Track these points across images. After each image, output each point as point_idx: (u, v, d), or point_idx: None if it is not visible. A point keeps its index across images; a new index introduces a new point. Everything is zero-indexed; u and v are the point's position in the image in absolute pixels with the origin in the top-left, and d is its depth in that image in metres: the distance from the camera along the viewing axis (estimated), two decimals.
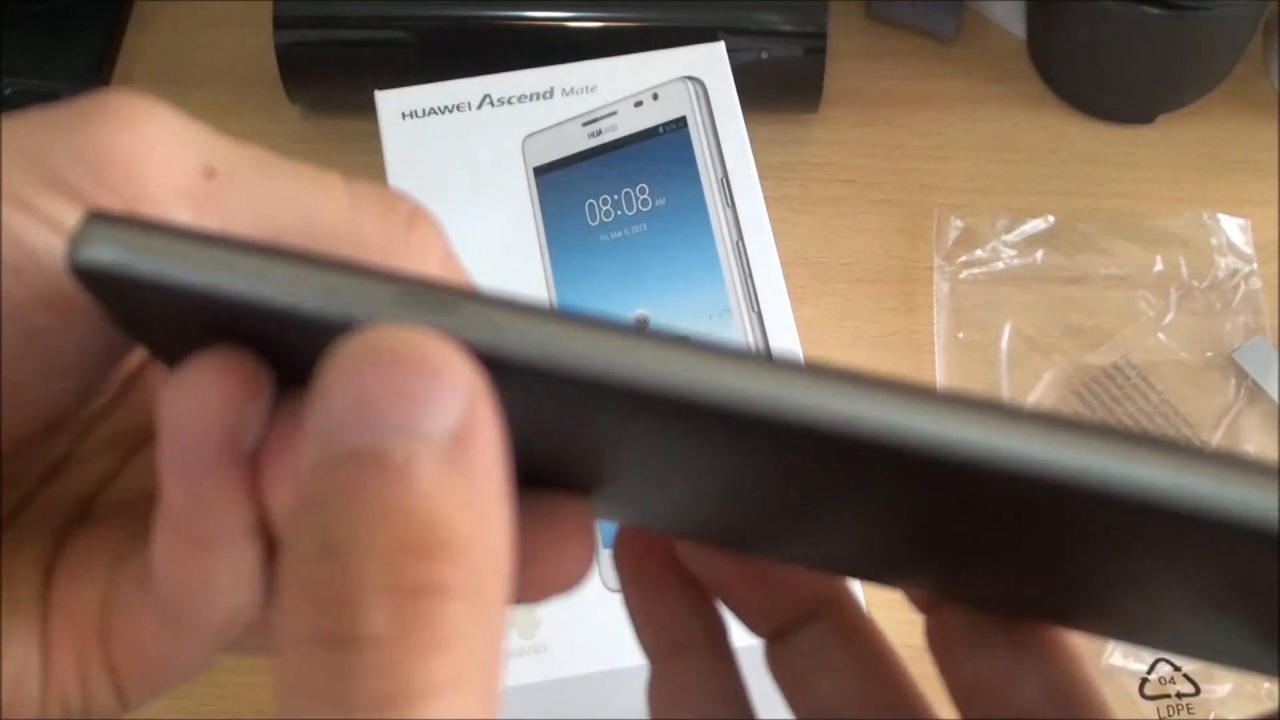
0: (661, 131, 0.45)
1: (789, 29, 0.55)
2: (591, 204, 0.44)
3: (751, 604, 0.23)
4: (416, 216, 0.20)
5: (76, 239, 0.16)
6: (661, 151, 0.45)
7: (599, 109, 0.45)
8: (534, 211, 0.44)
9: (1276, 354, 0.52)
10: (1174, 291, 0.54)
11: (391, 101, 0.45)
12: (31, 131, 0.18)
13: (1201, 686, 0.46)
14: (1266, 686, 0.46)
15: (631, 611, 0.23)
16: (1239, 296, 0.54)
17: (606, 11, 0.55)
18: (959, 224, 0.55)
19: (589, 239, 0.43)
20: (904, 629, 0.24)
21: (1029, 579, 0.20)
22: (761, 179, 0.44)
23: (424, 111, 0.45)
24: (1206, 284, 0.54)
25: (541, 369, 0.15)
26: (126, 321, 0.18)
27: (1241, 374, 0.52)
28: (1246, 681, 0.46)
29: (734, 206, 0.43)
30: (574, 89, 0.46)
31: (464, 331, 0.15)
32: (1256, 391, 0.52)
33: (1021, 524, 0.17)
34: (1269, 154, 0.58)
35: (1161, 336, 0.53)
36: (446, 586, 0.14)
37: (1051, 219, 0.56)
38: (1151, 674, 0.46)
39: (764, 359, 0.15)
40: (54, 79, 0.60)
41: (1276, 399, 0.51)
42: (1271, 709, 0.43)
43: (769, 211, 0.43)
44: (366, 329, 0.14)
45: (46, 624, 0.19)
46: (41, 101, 0.65)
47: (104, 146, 0.17)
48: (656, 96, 0.45)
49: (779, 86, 0.57)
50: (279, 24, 0.56)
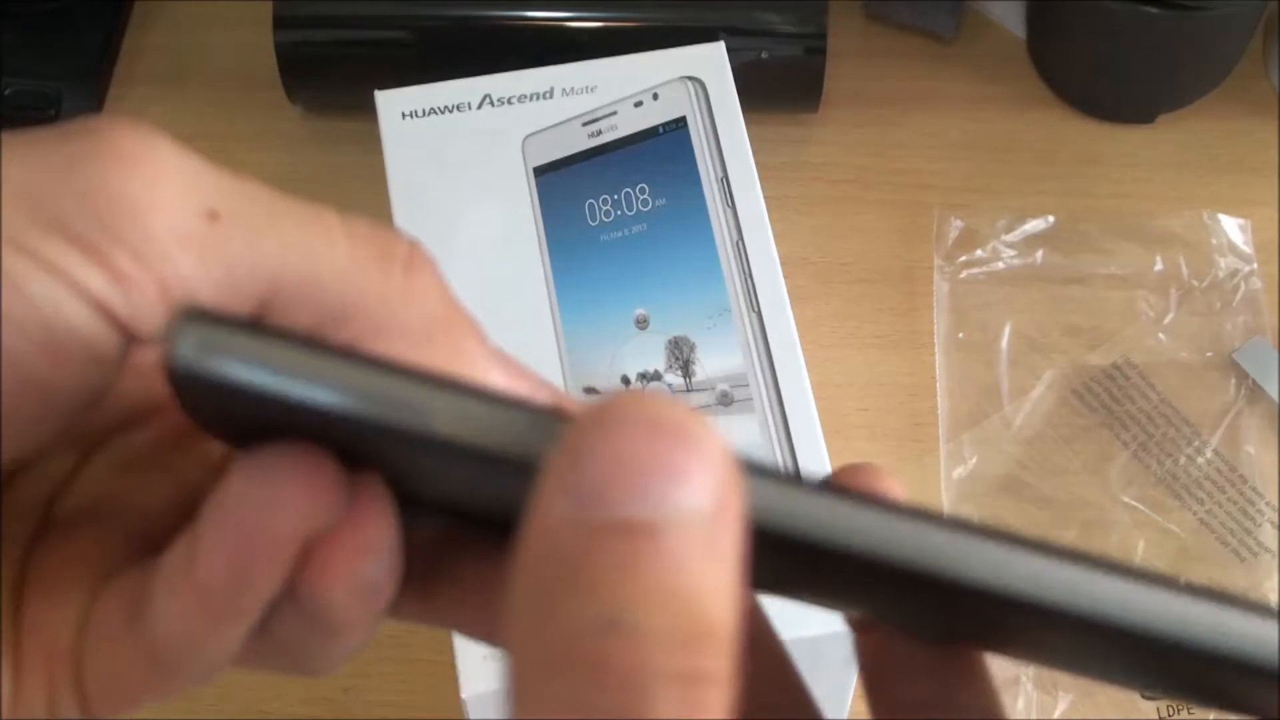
0: (661, 131, 0.45)
1: (789, 29, 0.55)
2: (591, 204, 0.44)
3: None
4: (414, 258, 0.20)
5: (182, 342, 0.16)
6: (661, 151, 0.45)
7: (599, 109, 0.45)
8: (534, 211, 0.44)
9: (1276, 354, 0.52)
10: (1174, 291, 0.54)
11: (391, 101, 0.45)
12: (31, 170, 0.17)
13: None
14: None
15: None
16: (1239, 296, 0.54)
17: (606, 11, 0.55)
18: (959, 224, 0.55)
19: (589, 239, 0.43)
20: None
21: (961, 623, 0.20)
22: (761, 179, 0.44)
23: (424, 111, 0.45)
24: (1206, 284, 0.54)
25: None
26: (195, 408, 0.18)
27: (1241, 374, 0.52)
28: None
29: (734, 206, 0.43)
30: (574, 89, 0.46)
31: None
32: (1256, 391, 0.52)
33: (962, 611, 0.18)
34: (1269, 154, 0.58)
35: (1161, 336, 0.53)
36: (716, 675, 0.14)
37: (1051, 219, 0.56)
38: None
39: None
40: (54, 79, 0.60)
41: (1276, 399, 0.51)
42: None
43: (769, 211, 0.43)
44: (623, 392, 0.15)
45: (17, 644, 0.19)
46: (41, 101, 0.65)
47: (107, 188, 0.17)
48: (656, 96, 0.45)
49: (779, 86, 0.57)
50: (279, 24, 0.56)
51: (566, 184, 0.44)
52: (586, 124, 0.45)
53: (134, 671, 0.19)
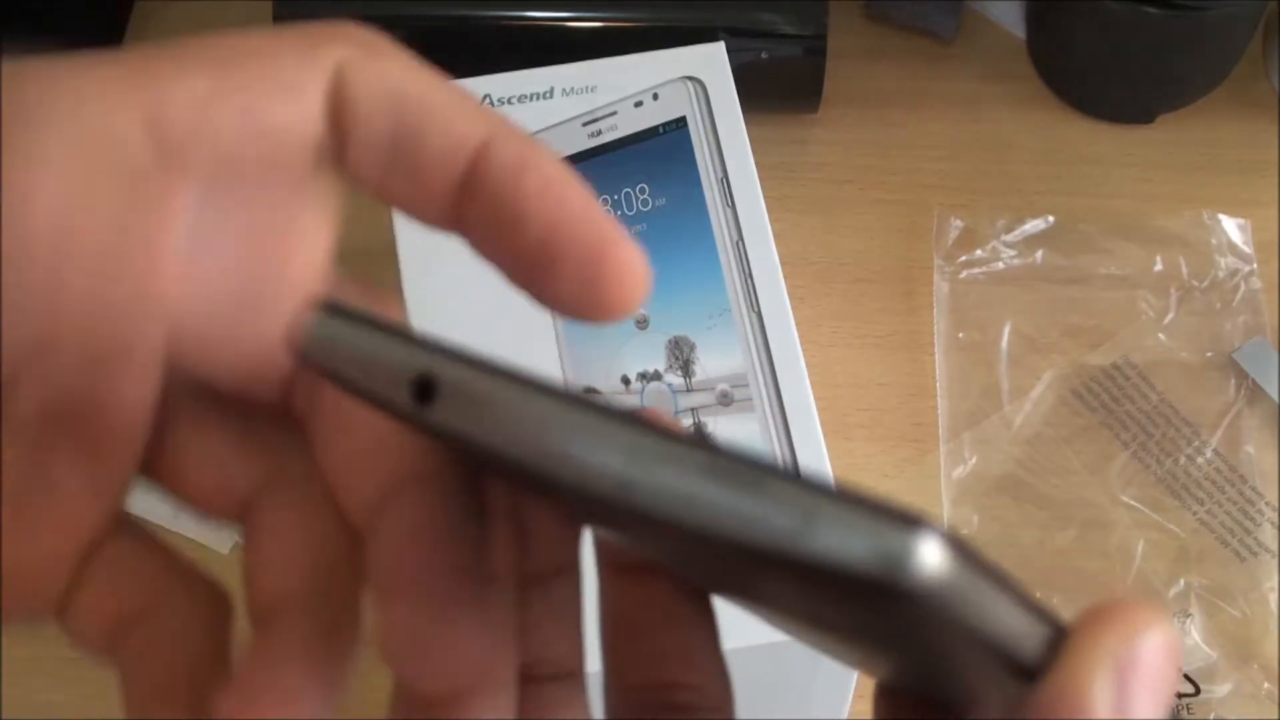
0: (661, 131, 0.45)
1: (789, 29, 0.55)
2: None
3: None
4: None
5: (303, 336, 0.17)
6: (661, 151, 0.45)
7: (599, 109, 0.45)
8: None
9: (1276, 354, 0.52)
10: (1174, 291, 0.54)
11: None
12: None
13: (1201, 686, 0.46)
14: (1266, 686, 0.46)
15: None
16: (1239, 296, 0.54)
17: (606, 11, 0.55)
18: (959, 224, 0.55)
19: None
20: None
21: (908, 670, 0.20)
22: (761, 179, 0.44)
23: None
24: (1206, 284, 0.54)
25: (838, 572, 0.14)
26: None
27: (1241, 374, 0.52)
28: (1246, 681, 0.46)
29: (734, 206, 0.43)
30: (574, 89, 0.46)
31: (766, 515, 0.14)
32: (1256, 391, 0.52)
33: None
34: (1269, 154, 0.58)
35: (1161, 336, 0.53)
36: None
37: (1051, 219, 0.56)
38: None
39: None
40: None
41: (1276, 399, 0.51)
42: None
43: (769, 211, 0.43)
44: (1140, 607, 0.16)
45: None
46: None
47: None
48: (656, 96, 0.45)
49: (779, 86, 0.57)
50: (279, 24, 0.56)
51: None
52: (586, 124, 0.45)
53: None
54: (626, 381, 0.40)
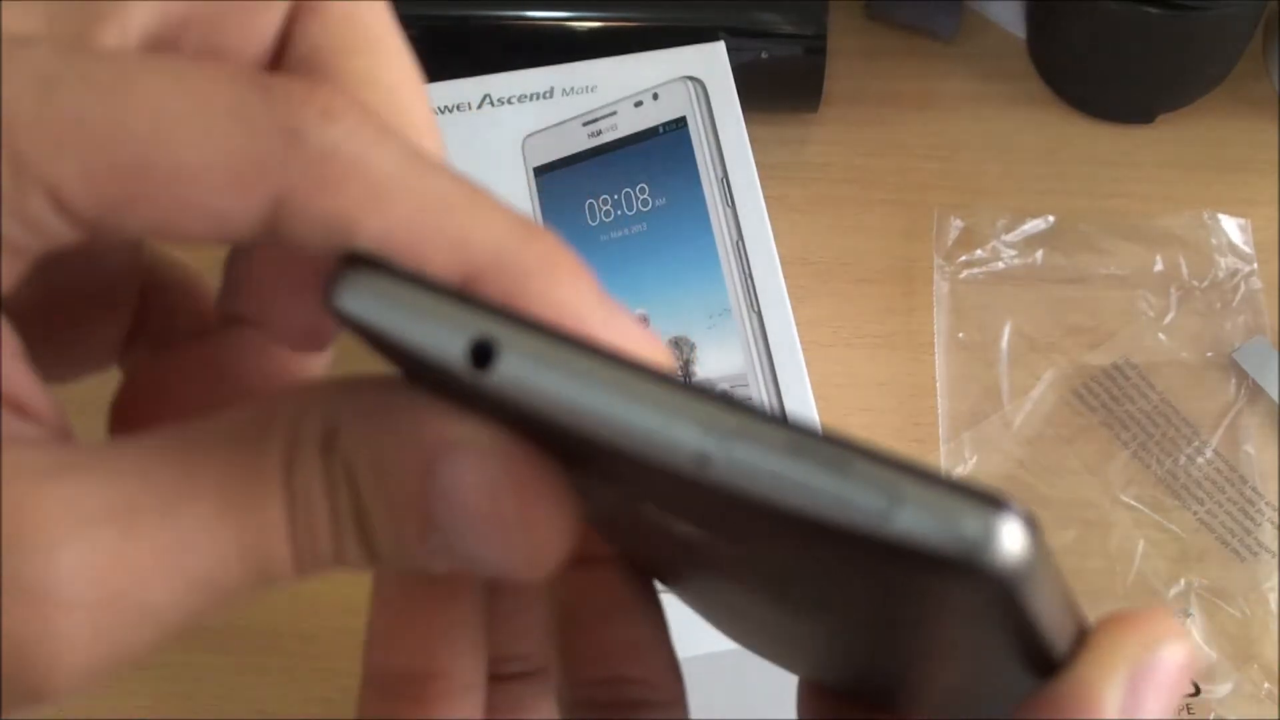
0: (661, 131, 0.45)
1: (789, 29, 0.55)
2: (591, 204, 0.44)
3: None
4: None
5: (338, 287, 0.16)
6: (661, 151, 0.45)
7: (599, 109, 0.45)
8: (534, 211, 0.44)
9: (1276, 354, 0.52)
10: (1174, 291, 0.54)
11: None
12: None
13: (1201, 686, 0.46)
14: (1266, 686, 0.46)
15: None
16: (1239, 296, 0.54)
17: (606, 11, 0.55)
18: (959, 224, 0.55)
19: (589, 239, 0.43)
20: None
21: (873, 670, 0.20)
22: (761, 179, 0.44)
23: None
24: (1206, 284, 0.54)
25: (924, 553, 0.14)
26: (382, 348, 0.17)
27: (1241, 374, 0.52)
28: (1246, 681, 0.46)
29: (734, 206, 0.43)
30: (574, 89, 0.46)
31: (853, 496, 0.14)
32: (1256, 391, 0.52)
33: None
34: (1269, 154, 0.58)
35: (1161, 336, 0.53)
36: None
37: (1051, 219, 0.56)
38: None
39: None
40: None
41: (1276, 399, 0.51)
42: None
43: (769, 211, 0.43)
44: (1159, 617, 0.17)
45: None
46: None
47: None
48: (656, 96, 0.45)
49: (779, 86, 0.57)
50: None
51: (566, 184, 0.44)
52: (586, 124, 0.45)
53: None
54: None
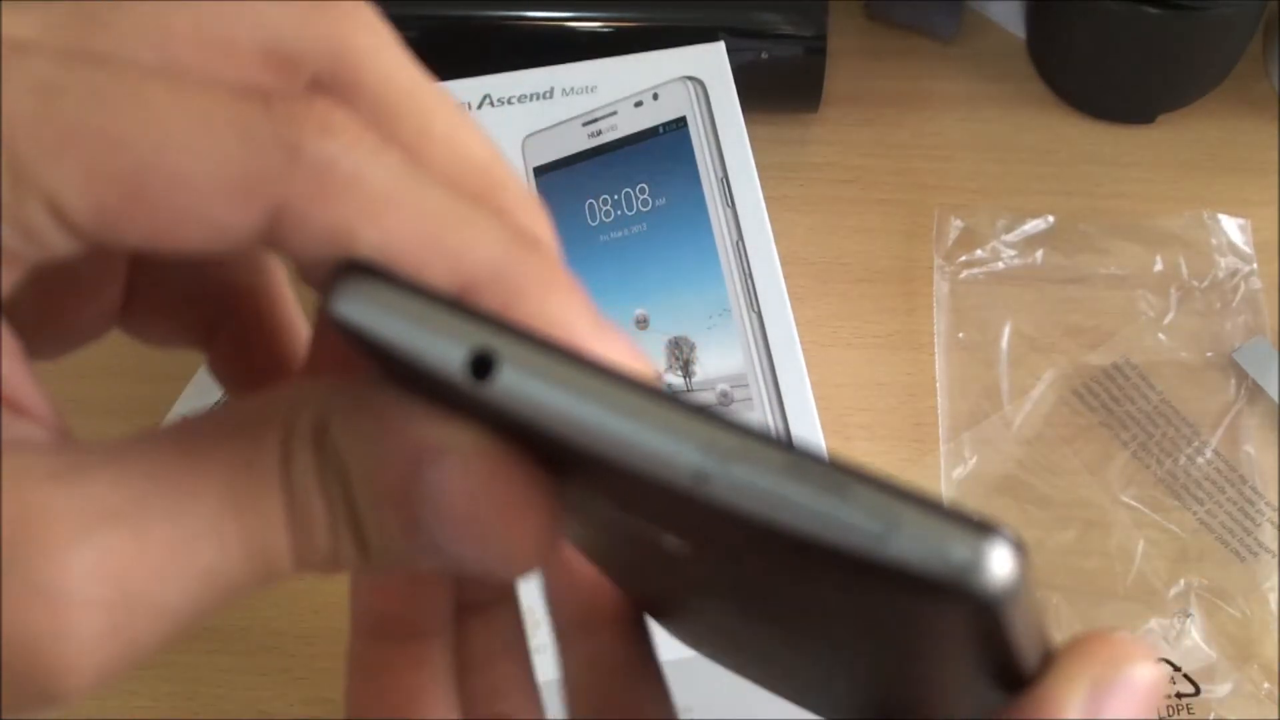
0: (661, 131, 0.45)
1: (789, 29, 0.55)
2: (591, 204, 0.44)
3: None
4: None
5: (338, 293, 0.16)
6: (661, 151, 0.45)
7: (599, 109, 0.45)
8: None
9: (1276, 354, 0.52)
10: (1174, 291, 0.54)
11: None
12: None
13: (1201, 686, 0.46)
14: (1266, 686, 0.46)
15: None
16: (1239, 296, 0.54)
17: (606, 11, 0.55)
18: (959, 224, 0.55)
19: (589, 239, 0.43)
20: None
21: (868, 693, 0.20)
22: (761, 179, 0.44)
23: None
24: (1206, 284, 0.54)
25: (918, 579, 0.14)
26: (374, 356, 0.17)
27: (1241, 374, 0.52)
28: (1246, 681, 0.46)
29: (734, 206, 0.43)
30: (574, 89, 0.46)
31: (851, 519, 0.14)
32: (1256, 391, 0.52)
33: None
34: (1269, 154, 0.58)
35: (1161, 336, 0.53)
36: None
37: (1051, 219, 0.56)
38: None
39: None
40: None
41: (1276, 399, 0.51)
42: None
43: (769, 211, 0.43)
44: (1126, 640, 0.16)
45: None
46: None
47: None
48: (656, 96, 0.45)
49: (779, 86, 0.57)
50: None
51: (566, 184, 0.44)
52: (586, 124, 0.45)
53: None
54: None
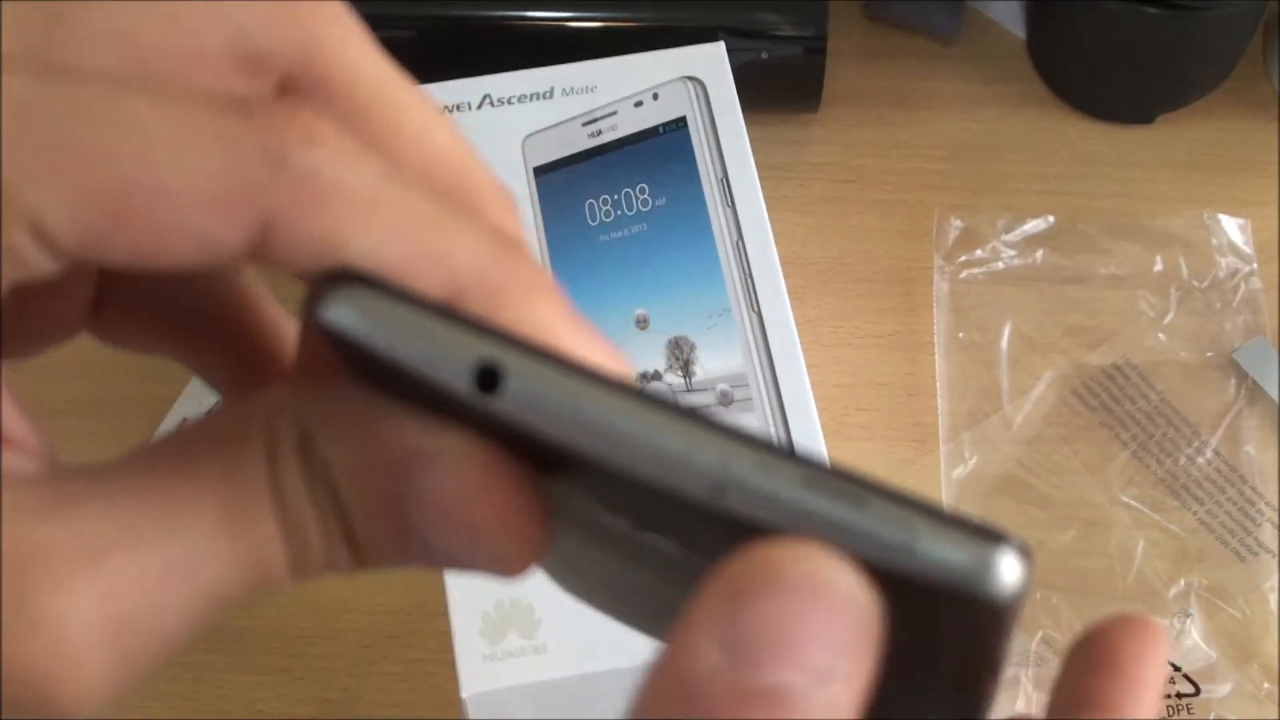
0: (661, 131, 0.45)
1: (789, 29, 0.55)
2: (591, 204, 0.44)
3: None
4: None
5: (329, 300, 0.15)
6: (661, 151, 0.45)
7: (599, 109, 0.45)
8: (534, 211, 0.44)
9: (1276, 354, 0.52)
10: (1174, 291, 0.54)
11: None
12: None
13: (1202, 686, 0.46)
14: (1266, 686, 0.46)
15: None
16: (1239, 296, 0.54)
17: (606, 11, 0.55)
18: (959, 224, 0.55)
19: (589, 239, 0.43)
20: None
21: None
22: (761, 179, 0.44)
23: None
24: (1206, 284, 0.54)
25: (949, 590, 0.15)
26: (356, 367, 0.17)
27: (1241, 374, 0.52)
28: (1246, 681, 0.46)
29: (734, 206, 0.43)
30: (574, 89, 0.46)
31: (872, 530, 0.15)
32: (1256, 391, 0.52)
33: None
34: (1269, 154, 0.58)
35: (1161, 336, 0.53)
36: None
37: (1051, 219, 0.56)
38: None
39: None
40: None
41: (1276, 399, 0.51)
42: None
43: (769, 211, 0.43)
44: (797, 545, 0.15)
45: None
46: None
47: None
48: (656, 96, 0.45)
49: (779, 86, 0.57)
50: None
51: (566, 184, 0.44)
52: (586, 124, 0.45)
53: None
54: None
